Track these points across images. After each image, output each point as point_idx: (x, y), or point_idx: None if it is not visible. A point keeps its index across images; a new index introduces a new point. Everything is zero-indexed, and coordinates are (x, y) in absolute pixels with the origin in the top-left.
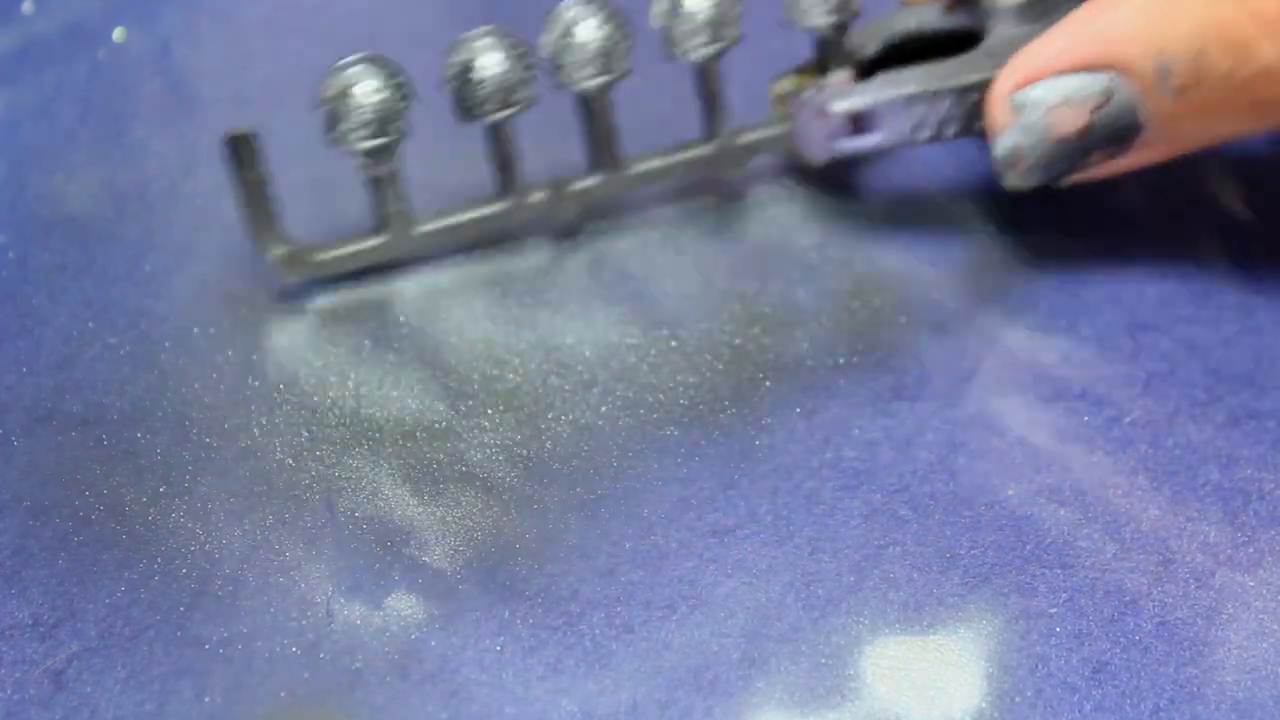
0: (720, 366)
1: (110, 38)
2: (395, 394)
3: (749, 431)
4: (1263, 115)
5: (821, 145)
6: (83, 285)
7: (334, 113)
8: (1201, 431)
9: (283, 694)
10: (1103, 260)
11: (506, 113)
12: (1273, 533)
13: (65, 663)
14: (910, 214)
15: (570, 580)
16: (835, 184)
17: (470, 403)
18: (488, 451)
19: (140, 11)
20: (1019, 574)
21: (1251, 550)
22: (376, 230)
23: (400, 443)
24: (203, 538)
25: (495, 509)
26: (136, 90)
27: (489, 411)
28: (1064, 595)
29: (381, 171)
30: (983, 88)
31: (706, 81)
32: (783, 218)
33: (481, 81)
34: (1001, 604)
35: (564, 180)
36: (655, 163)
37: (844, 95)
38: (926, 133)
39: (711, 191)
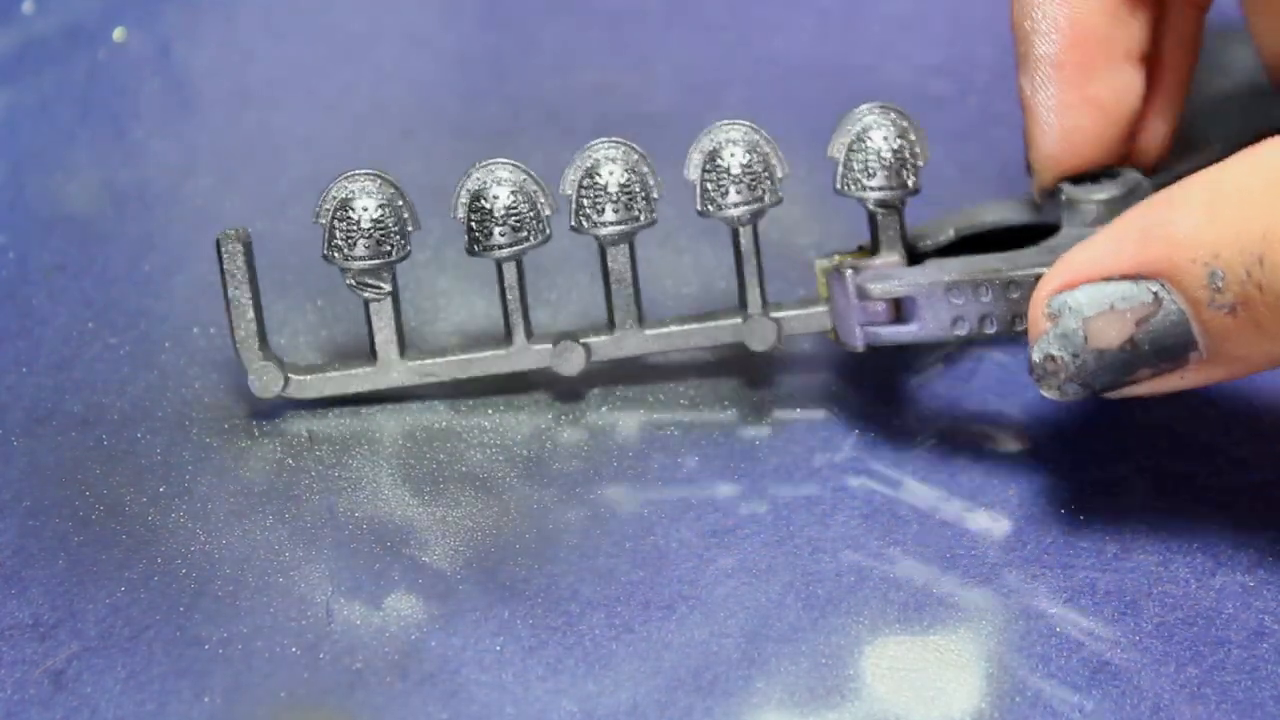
0: (720, 365)
1: (110, 38)
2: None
3: (749, 431)
4: None
5: (857, 331)
6: (83, 285)
7: (330, 228)
8: (1200, 434)
9: (283, 694)
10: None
11: (516, 250)
12: (1273, 532)
13: (65, 663)
14: (911, 212)
15: (570, 580)
16: None
17: (470, 402)
18: (487, 451)
19: (140, 11)
20: (1020, 573)
21: (1251, 550)
22: (363, 362)
23: (400, 442)
24: (203, 538)
25: (495, 509)
26: (136, 90)
27: (489, 411)
28: (1064, 595)
29: (373, 295)
30: (1028, 283)
31: (742, 243)
32: (783, 217)
33: (492, 214)
34: (1002, 604)
35: (574, 333)
36: (675, 327)
37: (884, 278)
38: (966, 328)
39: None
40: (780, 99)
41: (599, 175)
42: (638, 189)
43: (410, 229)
